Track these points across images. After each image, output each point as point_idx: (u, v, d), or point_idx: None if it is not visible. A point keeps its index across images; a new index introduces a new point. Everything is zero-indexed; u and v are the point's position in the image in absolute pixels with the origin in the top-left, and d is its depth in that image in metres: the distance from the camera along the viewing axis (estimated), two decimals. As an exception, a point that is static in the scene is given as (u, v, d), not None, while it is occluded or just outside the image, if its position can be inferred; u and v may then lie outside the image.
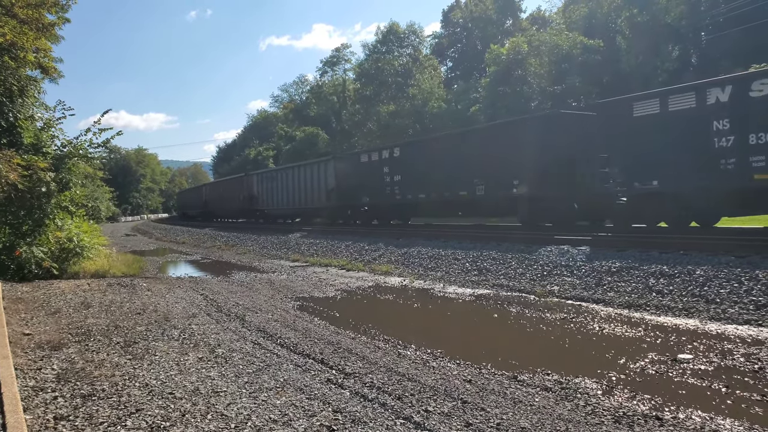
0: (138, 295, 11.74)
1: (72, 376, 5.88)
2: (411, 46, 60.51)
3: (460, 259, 15.67)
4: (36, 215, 14.64)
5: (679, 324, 8.56)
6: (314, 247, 22.59)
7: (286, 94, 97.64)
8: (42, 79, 18.17)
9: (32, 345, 7.27)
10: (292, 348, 7.34)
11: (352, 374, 6.14)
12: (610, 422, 4.77)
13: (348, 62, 75.03)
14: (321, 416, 4.83)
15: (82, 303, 10.61)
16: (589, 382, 5.93)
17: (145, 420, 4.68)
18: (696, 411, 5.04)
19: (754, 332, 7.85)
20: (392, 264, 16.87)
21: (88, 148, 16.30)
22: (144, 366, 6.30)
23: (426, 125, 50.38)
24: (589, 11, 42.02)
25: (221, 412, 4.87)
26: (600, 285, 11.42)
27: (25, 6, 15.69)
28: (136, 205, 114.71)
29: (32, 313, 9.62)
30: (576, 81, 37.63)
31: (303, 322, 9.10)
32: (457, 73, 61.66)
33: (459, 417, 4.86)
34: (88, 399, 5.19)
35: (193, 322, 8.96)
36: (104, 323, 8.73)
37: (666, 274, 10.96)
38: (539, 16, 58.16)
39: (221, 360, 6.61)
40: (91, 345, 7.30)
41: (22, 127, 15.51)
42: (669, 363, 6.54)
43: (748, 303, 9.12)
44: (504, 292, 12.06)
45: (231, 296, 11.86)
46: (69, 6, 18.43)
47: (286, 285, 13.75)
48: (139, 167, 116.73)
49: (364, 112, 59.53)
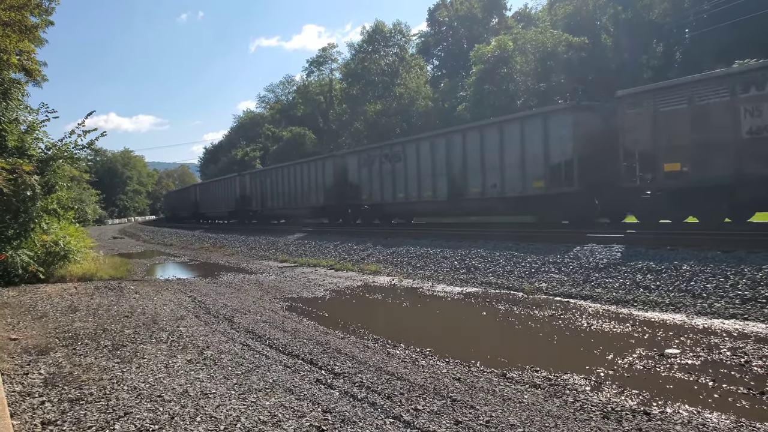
0: (125, 298, 11.67)
1: (59, 381, 5.84)
2: (397, 46, 60.46)
3: (449, 257, 15.70)
4: (21, 219, 14.53)
5: (667, 319, 8.62)
6: (303, 248, 22.55)
7: (273, 95, 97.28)
8: (26, 82, 18.06)
9: (19, 350, 7.22)
10: (281, 349, 7.33)
11: (341, 374, 6.14)
12: (598, 418, 4.80)
13: (335, 62, 74.88)
14: (310, 417, 4.82)
15: (69, 307, 10.54)
16: (577, 378, 5.96)
17: (133, 423, 4.65)
18: (683, 405, 5.08)
19: (740, 326, 7.92)
20: (381, 263, 16.88)
21: (73, 150, 16.20)
22: (132, 369, 6.27)
23: (413, 124, 50.42)
24: (574, 9, 42.18)
25: (210, 414, 4.85)
26: (587, 281, 11.48)
27: (8, 8, 15.57)
28: (122, 207, 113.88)
29: (18, 317, 9.54)
30: (561, 78, 37.79)
31: (292, 323, 9.08)
32: (444, 72, 61.68)
33: (448, 415, 4.87)
34: (75, 403, 5.16)
35: (181, 324, 8.92)
36: (92, 327, 8.68)
37: (653, 270, 11.03)
38: (525, 14, 58.32)
39: (210, 362, 6.59)
40: (79, 349, 7.25)
41: (6, 130, 15.39)
42: (656, 358, 6.59)
43: (734, 297, 9.20)
44: (492, 289, 12.10)
45: (219, 298, 11.82)
46: (52, 9, 18.34)
47: (274, 286, 13.72)
48: (125, 169, 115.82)
49: (351, 111, 59.47)
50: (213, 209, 53.89)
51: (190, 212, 62.24)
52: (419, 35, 66.20)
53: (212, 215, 55.73)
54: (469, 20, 58.01)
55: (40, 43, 19.57)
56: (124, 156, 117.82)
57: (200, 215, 58.58)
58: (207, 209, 55.72)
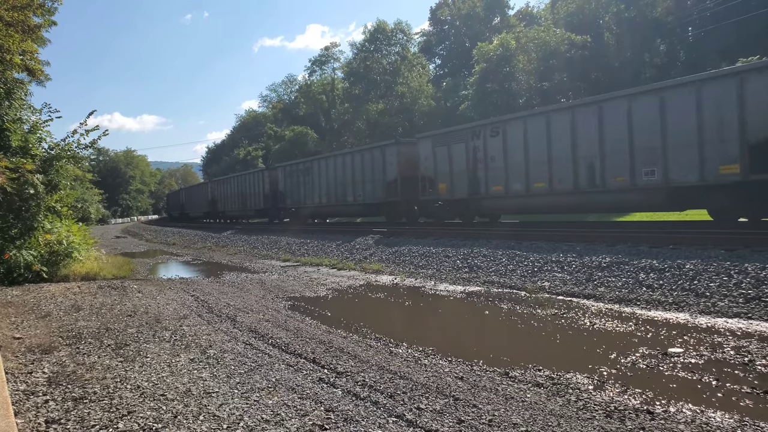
0: (129, 297, 11.69)
1: (63, 380, 5.85)
2: (399, 45, 60.39)
3: (451, 256, 15.70)
4: (25, 218, 14.55)
5: (670, 318, 8.61)
6: (305, 247, 22.55)
7: (275, 94, 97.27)
8: (29, 82, 18.09)
9: (23, 349, 7.23)
10: (284, 348, 7.33)
11: (344, 373, 6.14)
12: (601, 417, 4.79)
13: (337, 61, 74.86)
14: (313, 415, 4.82)
15: (73, 306, 10.55)
16: (580, 377, 5.95)
17: (137, 422, 4.66)
18: (687, 404, 5.07)
19: (743, 325, 7.90)
20: (383, 262, 16.88)
21: (76, 149, 16.23)
22: (135, 368, 6.28)
23: (415, 123, 50.40)
24: (576, 7, 42.09)
25: (213, 413, 4.85)
26: (590, 280, 11.47)
27: (11, 8, 15.60)
28: (125, 207, 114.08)
29: (22, 316, 9.56)
30: (564, 77, 37.73)
31: (294, 322, 9.09)
32: (446, 71, 61.55)
33: (451, 414, 4.87)
34: (79, 402, 5.17)
35: (184, 323, 8.93)
36: (95, 326, 8.69)
37: (656, 269, 11.02)
38: (527, 12, 58.21)
39: (213, 361, 6.60)
40: (82, 348, 7.26)
41: (9, 129, 15.41)
42: (660, 357, 6.58)
43: (737, 296, 9.18)
44: (495, 288, 12.09)
45: (222, 297, 11.83)
46: (55, 8, 18.37)
47: (277, 285, 13.73)
48: (128, 169, 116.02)
49: (354, 110, 59.41)
50: (235, 207, 49.30)
51: (204, 211, 58.45)
52: (421, 34, 66.13)
53: (235, 214, 50.94)
54: (471, 19, 57.87)
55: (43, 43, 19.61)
56: (127, 155, 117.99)
57: (219, 214, 54.09)
58: (228, 207, 51.19)
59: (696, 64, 34.01)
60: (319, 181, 33.30)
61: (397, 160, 26.33)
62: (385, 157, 27.19)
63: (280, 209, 40.17)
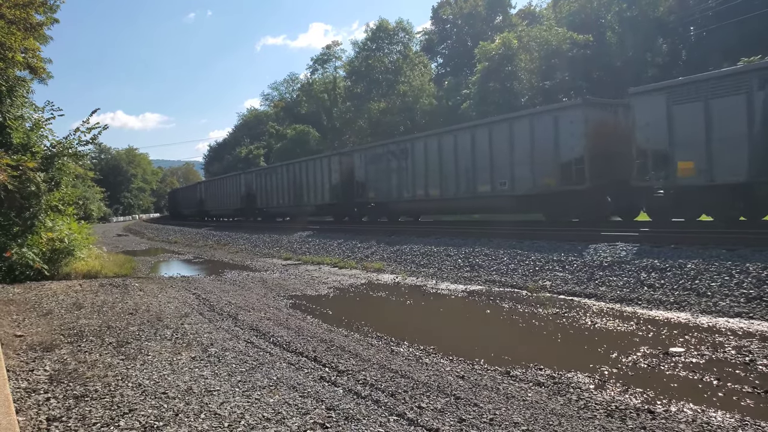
0: (130, 296, 11.70)
1: (64, 377, 5.86)
2: (401, 43, 60.35)
3: (452, 255, 15.70)
4: (26, 216, 14.56)
5: (671, 317, 8.60)
6: (306, 246, 22.57)
7: (277, 93, 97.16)
8: (31, 80, 18.09)
9: (24, 346, 7.24)
10: (285, 346, 7.34)
11: (345, 372, 6.14)
12: (602, 416, 4.79)
13: (339, 59, 74.81)
14: (314, 414, 4.83)
15: (74, 304, 10.57)
16: (581, 376, 5.95)
17: (138, 420, 4.67)
18: (688, 404, 5.07)
19: (744, 325, 7.90)
20: (384, 261, 16.89)
21: (77, 146, 16.25)
22: (137, 366, 6.28)
23: (417, 122, 50.39)
24: (578, 6, 42.06)
25: (214, 411, 4.86)
26: (592, 279, 11.47)
27: (13, 6, 15.61)
28: (127, 205, 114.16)
29: (24, 314, 9.57)
30: (566, 76, 37.72)
31: (296, 321, 9.09)
32: (448, 70, 61.52)
33: (452, 413, 4.87)
34: (80, 400, 5.17)
35: (185, 321, 8.94)
36: (96, 324, 8.70)
37: (657, 268, 11.01)
38: (529, 11, 58.15)
39: (214, 359, 6.60)
40: (84, 346, 7.27)
41: (11, 127, 15.43)
42: (661, 356, 6.58)
43: (739, 296, 9.18)
44: (496, 287, 12.09)
45: (223, 295, 11.83)
46: (57, 6, 18.38)
47: (278, 283, 13.74)
48: (129, 167, 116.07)
49: (355, 109, 59.38)
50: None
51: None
52: (423, 33, 66.09)
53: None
54: (473, 18, 57.85)
55: (45, 41, 19.60)
56: (129, 154, 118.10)
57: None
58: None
59: (698, 64, 33.95)
60: (420, 168, 25.96)
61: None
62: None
63: (356, 205, 32.08)
